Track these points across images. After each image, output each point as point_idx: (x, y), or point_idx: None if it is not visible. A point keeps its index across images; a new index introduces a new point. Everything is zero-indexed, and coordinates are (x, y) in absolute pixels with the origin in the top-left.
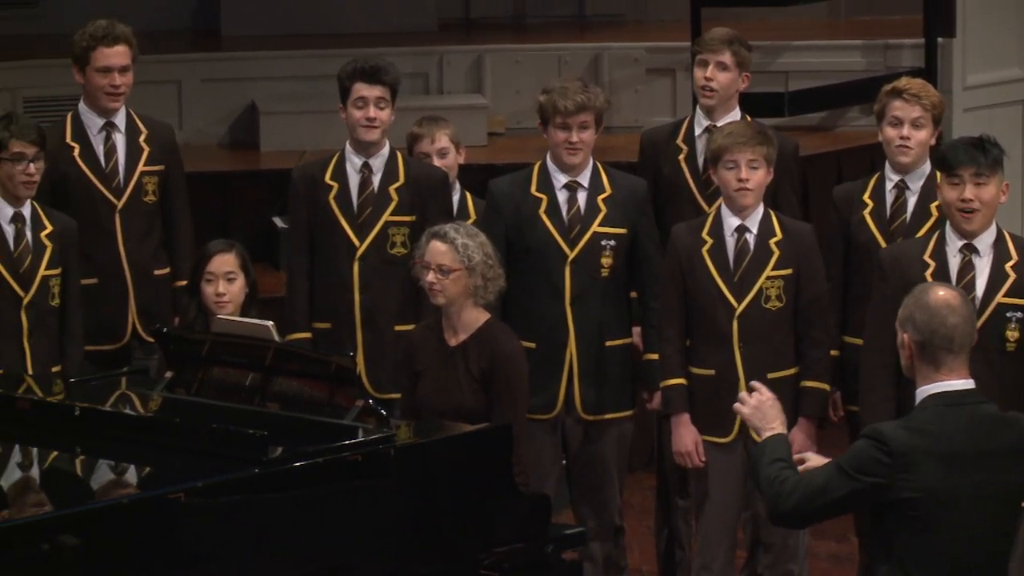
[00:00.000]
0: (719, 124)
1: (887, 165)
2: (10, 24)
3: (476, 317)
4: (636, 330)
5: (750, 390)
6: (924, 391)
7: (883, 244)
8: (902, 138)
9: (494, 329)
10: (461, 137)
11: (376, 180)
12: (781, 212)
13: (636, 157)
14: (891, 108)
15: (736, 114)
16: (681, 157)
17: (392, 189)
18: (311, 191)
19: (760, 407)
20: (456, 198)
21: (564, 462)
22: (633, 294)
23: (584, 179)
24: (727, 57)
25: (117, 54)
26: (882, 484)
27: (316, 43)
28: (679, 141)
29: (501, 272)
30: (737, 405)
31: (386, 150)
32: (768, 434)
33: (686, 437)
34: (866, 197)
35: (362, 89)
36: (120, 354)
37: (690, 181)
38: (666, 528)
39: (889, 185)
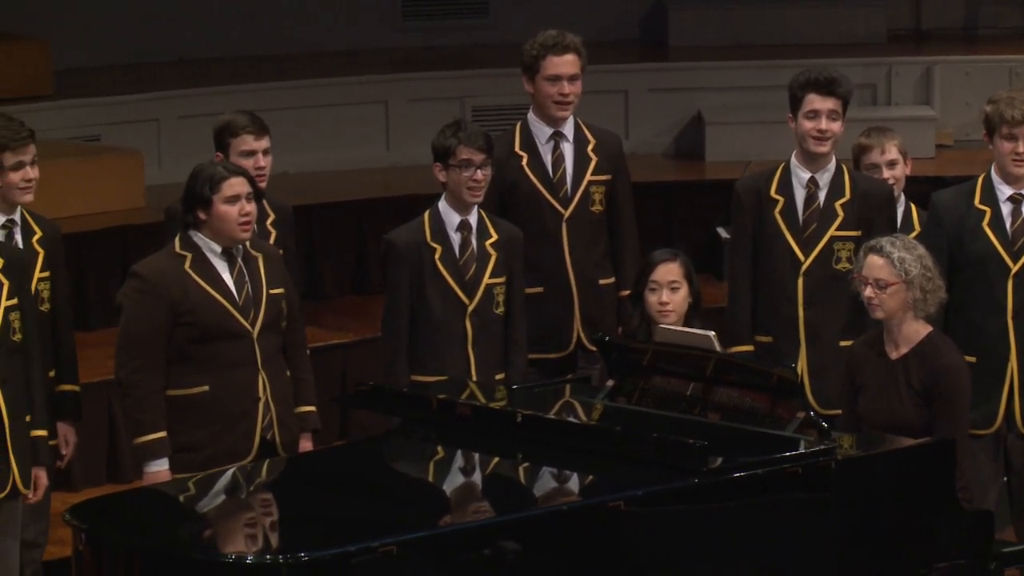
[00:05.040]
0: None
1: None
2: (460, 34)
3: (917, 330)
4: None
5: None
6: None
7: None
8: None
9: (936, 342)
10: (908, 149)
11: (822, 195)
12: None
13: None
14: None
15: None
16: None
17: (838, 204)
18: (755, 204)
19: None
20: (901, 210)
21: (1005, 479)
22: None
23: None
24: None
25: (566, 63)
26: None
27: (763, 53)
28: None
29: (941, 284)
30: None
31: (833, 164)
32: None
33: None
34: None
35: (814, 100)
36: (565, 362)
37: None
38: None
39: None
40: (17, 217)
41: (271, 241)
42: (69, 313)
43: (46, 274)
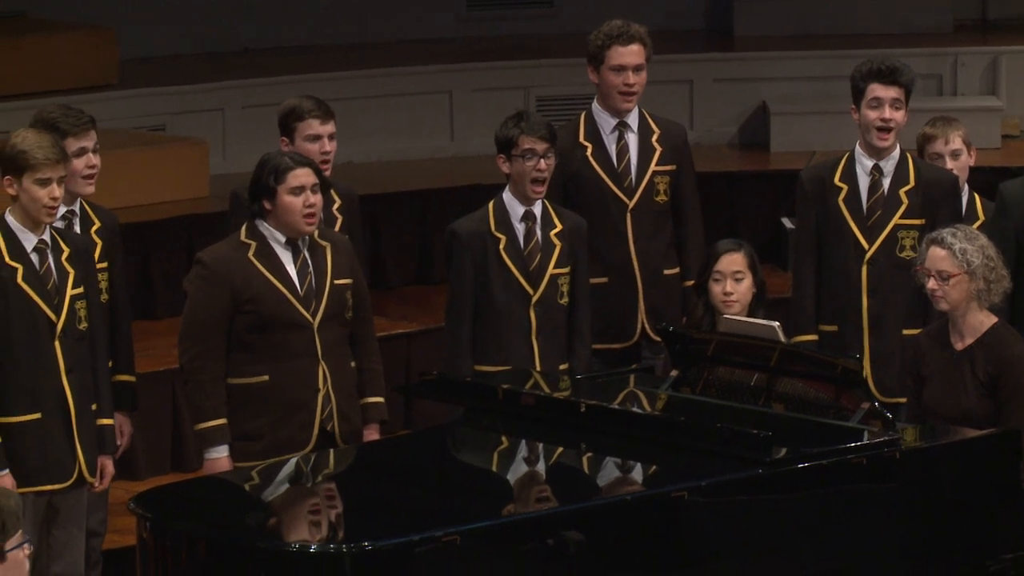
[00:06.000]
0: None
1: None
2: (525, 24)
3: (982, 321)
4: None
5: None
6: None
7: None
8: None
9: (1001, 333)
10: (974, 139)
11: (886, 183)
12: None
13: None
14: None
15: None
16: None
17: (902, 192)
18: (820, 193)
19: None
20: (965, 200)
21: None
22: None
23: None
24: None
25: (631, 53)
26: None
27: (828, 43)
28: None
29: (1005, 274)
30: None
31: (897, 152)
32: None
33: None
34: None
35: (877, 90)
36: (629, 353)
37: None
38: None
39: None
40: (77, 208)
41: (337, 227)
42: (127, 303)
43: (104, 264)
